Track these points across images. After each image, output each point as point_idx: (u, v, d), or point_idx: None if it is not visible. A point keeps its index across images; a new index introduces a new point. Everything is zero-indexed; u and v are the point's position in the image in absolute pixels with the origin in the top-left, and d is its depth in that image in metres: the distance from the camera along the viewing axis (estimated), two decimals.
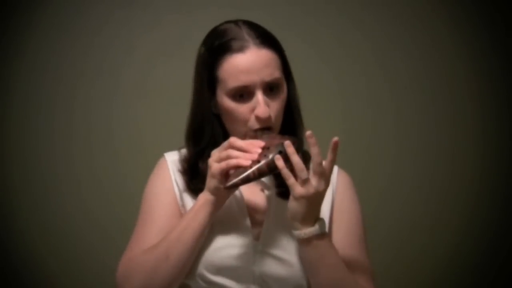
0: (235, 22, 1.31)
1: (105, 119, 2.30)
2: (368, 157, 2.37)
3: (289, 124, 1.33)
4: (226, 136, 1.31)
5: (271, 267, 1.30)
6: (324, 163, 1.20)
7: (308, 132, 1.19)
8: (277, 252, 1.30)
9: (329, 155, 1.20)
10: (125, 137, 2.30)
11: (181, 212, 1.33)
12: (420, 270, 2.38)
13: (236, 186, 1.21)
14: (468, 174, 2.42)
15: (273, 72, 1.27)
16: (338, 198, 1.39)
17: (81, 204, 2.28)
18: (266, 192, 1.35)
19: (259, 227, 1.32)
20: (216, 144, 1.27)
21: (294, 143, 1.20)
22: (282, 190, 1.31)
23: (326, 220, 1.32)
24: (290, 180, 1.19)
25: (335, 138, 1.19)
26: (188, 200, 1.33)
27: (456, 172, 2.43)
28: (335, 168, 1.42)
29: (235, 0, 2.23)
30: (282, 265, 1.30)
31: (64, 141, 2.29)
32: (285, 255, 1.30)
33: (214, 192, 1.24)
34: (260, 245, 1.30)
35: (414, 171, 2.41)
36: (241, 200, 1.33)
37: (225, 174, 1.22)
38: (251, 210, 1.33)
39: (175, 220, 1.30)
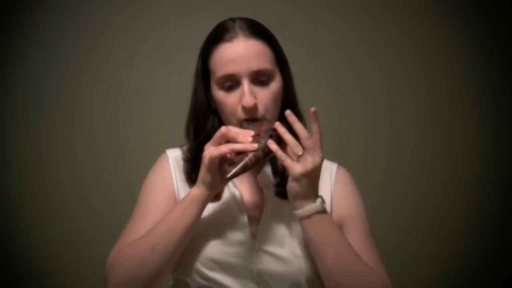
0: (233, 18, 1.34)
1: (108, 119, 2.31)
2: (364, 156, 2.38)
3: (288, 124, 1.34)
4: None
5: (268, 264, 1.31)
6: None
7: (287, 111, 1.21)
8: (274, 249, 1.32)
9: (313, 127, 1.21)
10: (128, 136, 2.31)
11: None
12: (417, 269, 2.39)
13: (236, 175, 1.21)
14: (466, 173, 2.43)
15: (261, 63, 1.28)
16: (337, 194, 1.40)
17: (84, 204, 2.30)
18: (265, 190, 1.36)
19: (256, 224, 1.33)
20: None
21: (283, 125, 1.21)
22: (282, 190, 1.32)
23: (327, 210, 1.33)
24: (287, 161, 1.20)
25: (312, 108, 1.20)
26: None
27: (453, 171, 2.43)
28: (334, 165, 1.44)
29: (237, 2, 2.25)
30: (279, 262, 1.31)
31: (67, 141, 2.30)
32: (282, 252, 1.32)
33: (209, 186, 1.24)
34: (257, 243, 1.32)
35: (411, 170, 2.41)
36: (239, 198, 1.34)
37: (220, 168, 1.23)
38: (249, 208, 1.35)
39: None
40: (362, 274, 1.25)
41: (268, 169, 1.37)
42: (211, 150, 1.21)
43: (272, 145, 1.20)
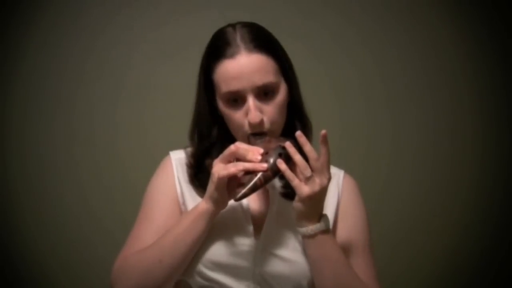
0: (234, 25, 1.32)
1: (108, 118, 2.30)
2: (366, 157, 2.37)
3: (294, 126, 1.33)
4: (230, 136, 1.33)
5: (271, 266, 1.30)
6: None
7: (297, 132, 1.20)
8: (277, 251, 1.31)
9: (321, 148, 1.21)
10: (128, 137, 2.30)
11: (181, 210, 1.34)
12: (418, 271, 2.38)
13: (245, 196, 1.21)
14: (467, 173, 2.42)
15: (265, 77, 1.26)
16: (343, 202, 1.40)
17: (83, 204, 2.29)
18: (270, 191, 1.36)
19: (261, 226, 1.33)
20: (222, 143, 1.29)
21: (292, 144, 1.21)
22: (288, 191, 1.32)
23: (330, 222, 1.33)
24: (295, 181, 1.20)
25: (323, 131, 1.20)
26: (190, 199, 1.34)
27: (454, 172, 2.42)
28: (341, 173, 1.43)
29: (235, 2, 2.24)
30: (282, 263, 1.31)
31: (66, 141, 2.29)
32: (286, 254, 1.31)
33: (216, 203, 1.24)
34: (261, 244, 1.31)
35: (412, 171, 2.41)
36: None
37: (229, 186, 1.23)
38: (253, 209, 1.34)
39: (174, 219, 1.31)
40: None
41: None
42: (219, 169, 1.21)
43: (281, 165, 1.19)
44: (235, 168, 1.20)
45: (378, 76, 2.40)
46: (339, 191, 1.40)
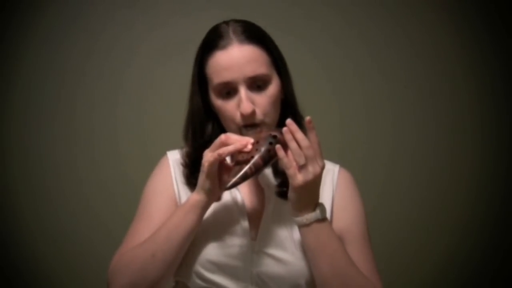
0: (227, 21, 1.33)
1: (107, 118, 2.31)
2: (365, 156, 2.38)
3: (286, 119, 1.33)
4: (224, 132, 1.32)
5: (268, 266, 1.30)
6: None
7: (288, 120, 1.20)
8: (274, 251, 1.31)
9: (309, 135, 1.20)
10: (127, 136, 2.31)
11: None
12: (418, 270, 2.39)
13: (236, 185, 1.21)
14: (466, 174, 2.42)
15: (257, 68, 1.27)
16: (338, 196, 1.39)
17: (83, 203, 2.30)
18: (266, 191, 1.36)
19: (257, 226, 1.33)
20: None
21: (280, 133, 1.20)
22: (283, 190, 1.32)
23: (327, 215, 1.32)
24: (291, 169, 1.19)
25: (307, 118, 1.20)
26: (186, 198, 1.34)
27: (454, 171, 2.43)
28: (336, 167, 1.43)
29: (235, 2, 2.25)
30: (279, 264, 1.30)
31: (66, 141, 2.30)
32: (283, 254, 1.31)
33: (208, 192, 1.24)
34: (257, 244, 1.31)
35: (412, 170, 2.41)
36: (240, 198, 1.34)
37: (220, 177, 1.23)
38: (249, 209, 1.34)
39: None
40: (356, 284, 1.25)
41: (269, 169, 1.37)
42: (208, 157, 1.22)
43: (280, 151, 1.19)
44: (221, 150, 1.20)
45: (378, 76, 2.41)
46: (333, 185, 1.39)
